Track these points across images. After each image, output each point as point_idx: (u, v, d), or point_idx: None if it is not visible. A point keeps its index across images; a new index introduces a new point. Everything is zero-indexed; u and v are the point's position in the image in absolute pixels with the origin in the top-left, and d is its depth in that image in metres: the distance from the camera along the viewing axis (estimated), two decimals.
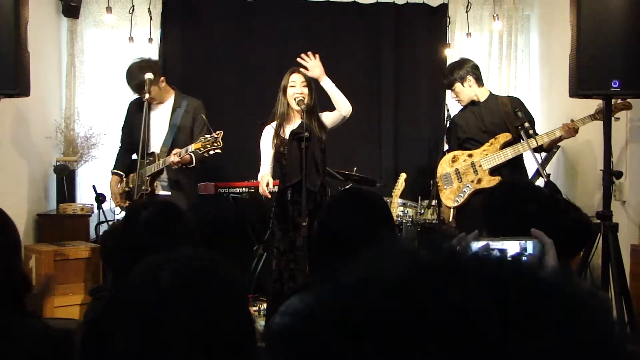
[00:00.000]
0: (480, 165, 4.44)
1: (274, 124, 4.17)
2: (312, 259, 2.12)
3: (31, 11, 3.90)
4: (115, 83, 4.67)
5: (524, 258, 1.27)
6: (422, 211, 4.82)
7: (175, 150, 4.27)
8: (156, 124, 4.53)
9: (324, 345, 0.49)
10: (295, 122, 4.14)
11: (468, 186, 4.44)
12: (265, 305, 4.45)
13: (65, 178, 5.17)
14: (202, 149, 4.16)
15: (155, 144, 4.52)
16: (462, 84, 4.53)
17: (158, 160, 4.44)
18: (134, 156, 4.61)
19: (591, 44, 3.52)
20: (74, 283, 4.60)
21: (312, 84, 4.10)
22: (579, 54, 3.55)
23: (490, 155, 4.43)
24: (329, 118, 4.17)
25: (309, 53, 4.17)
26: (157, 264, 1.09)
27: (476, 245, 1.32)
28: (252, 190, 4.96)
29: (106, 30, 5.58)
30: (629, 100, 4.02)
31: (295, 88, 4.07)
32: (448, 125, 4.70)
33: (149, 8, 5.49)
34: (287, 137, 4.09)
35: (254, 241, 5.02)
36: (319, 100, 4.19)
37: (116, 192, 4.62)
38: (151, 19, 5.51)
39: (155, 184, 4.49)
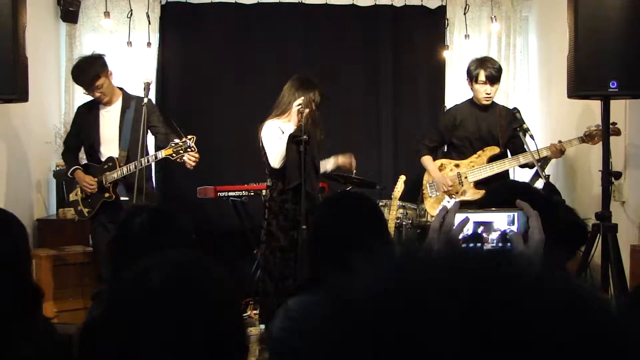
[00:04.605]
0: (466, 177, 4.48)
1: (276, 121, 4.14)
2: (309, 261, 2.12)
3: (29, 16, 3.90)
4: None
5: (509, 240, 1.26)
6: (422, 213, 4.82)
7: (147, 157, 4.16)
8: (106, 125, 4.41)
9: (334, 352, 0.50)
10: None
11: (453, 196, 4.48)
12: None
13: (65, 183, 5.17)
14: (174, 155, 4.07)
15: (108, 147, 4.40)
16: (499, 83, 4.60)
17: (119, 165, 4.30)
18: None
19: (589, 45, 3.53)
20: (73, 288, 4.60)
21: (316, 110, 4.11)
22: (577, 54, 3.56)
23: (477, 168, 4.46)
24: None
25: None
26: (147, 267, 1.09)
27: (457, 218, 1.31)
28: (252, 194, 4.96)
29: (105, 35, 5.59)
30: (618, 126, 4.05)
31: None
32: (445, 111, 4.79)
33: (147, 12, 5.50)
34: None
35: (253, 244, 5.01)
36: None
37: (89, 178, 4.35)
38: (149, 23, 5.51)
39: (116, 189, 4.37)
